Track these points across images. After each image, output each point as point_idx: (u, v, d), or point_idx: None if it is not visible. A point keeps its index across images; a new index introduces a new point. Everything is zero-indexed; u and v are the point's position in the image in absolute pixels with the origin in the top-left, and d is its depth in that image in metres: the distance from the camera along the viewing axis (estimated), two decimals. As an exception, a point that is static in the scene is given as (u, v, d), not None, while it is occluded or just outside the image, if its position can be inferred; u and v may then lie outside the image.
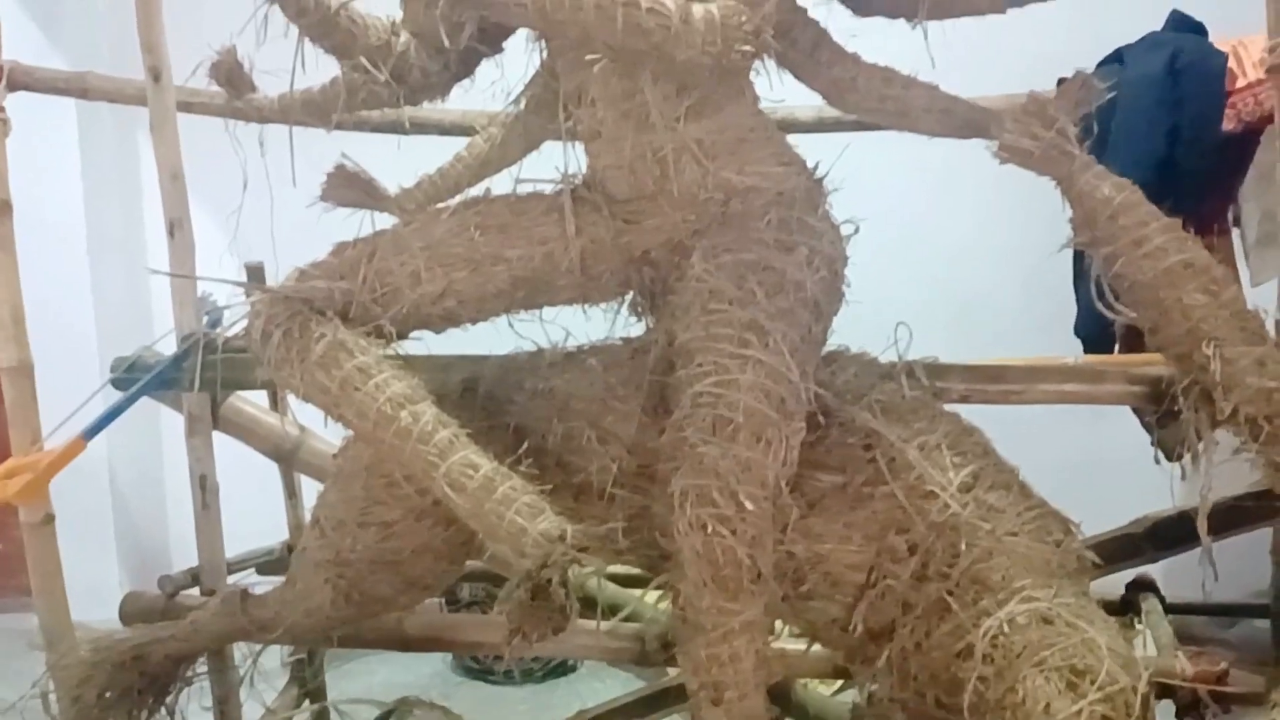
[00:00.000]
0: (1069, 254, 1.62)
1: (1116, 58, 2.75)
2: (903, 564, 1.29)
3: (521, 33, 1.52)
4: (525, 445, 1.40)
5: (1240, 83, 2.45)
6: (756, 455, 1.23)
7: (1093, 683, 1.11)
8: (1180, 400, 1.28)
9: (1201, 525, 1.32)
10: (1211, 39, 2.60)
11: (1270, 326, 1.75)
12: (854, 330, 1.54)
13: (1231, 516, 1.52)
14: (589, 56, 1.37)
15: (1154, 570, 1.92)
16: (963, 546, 1.26)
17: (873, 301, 1.52)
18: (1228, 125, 2.45)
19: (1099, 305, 1.38)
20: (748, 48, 1.29)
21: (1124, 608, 1.92)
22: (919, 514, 1.29)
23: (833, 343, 1.52)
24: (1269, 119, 2.15)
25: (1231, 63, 2.47)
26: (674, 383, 1.37)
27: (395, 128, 2.06)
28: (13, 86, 2.06)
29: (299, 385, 1.36)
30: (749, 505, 1.19)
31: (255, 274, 2.11)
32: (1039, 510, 1.33)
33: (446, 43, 1.37)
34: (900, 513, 1.30)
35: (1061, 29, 2.71)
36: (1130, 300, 1.30)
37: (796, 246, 1.39)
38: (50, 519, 1.89)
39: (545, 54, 1.55)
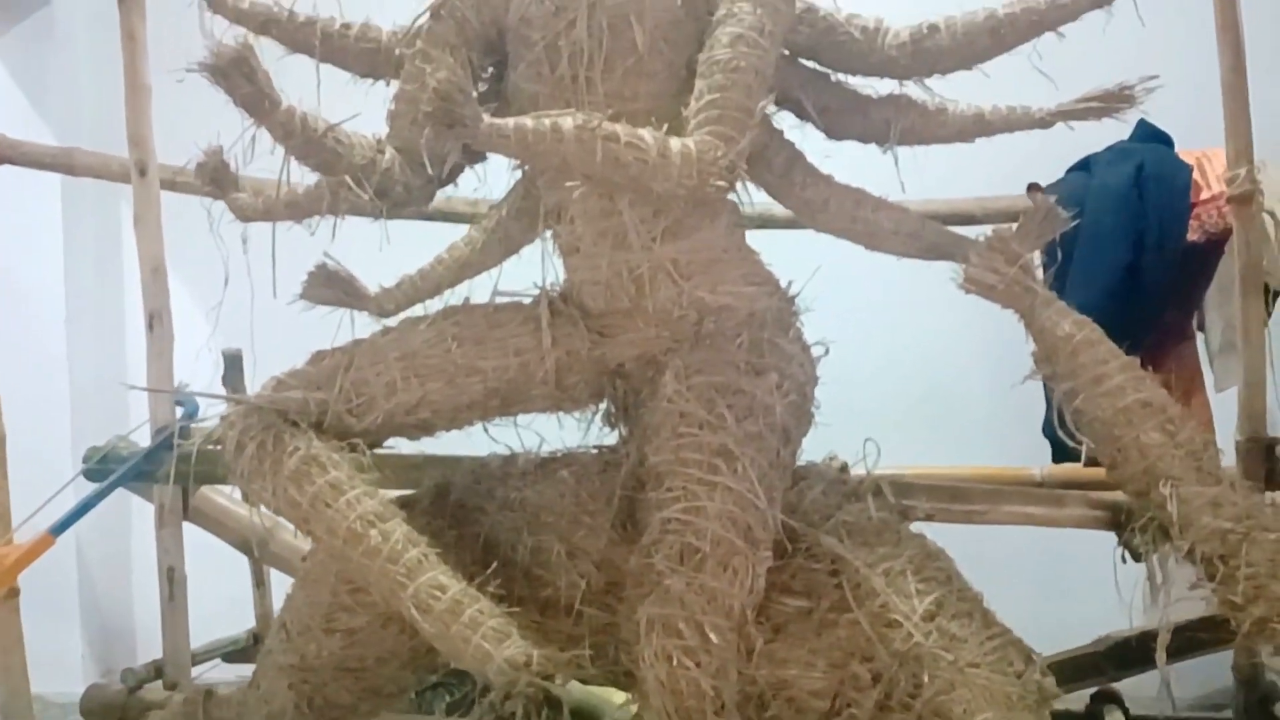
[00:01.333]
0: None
1: (1084, 165, 2.83)
2: (866, 693, 1.30)
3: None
4: (494, 562, 1.41)
5: (1205, 194, 2.53)
6: (723, 585, 1.24)
7: (1050, 824, 1.12)
8: (1139, 536, 1.31)
9: (1160, 657, 1.34)
10: (1178, 150, 2.69)
11: (1230, 438, 1.81)
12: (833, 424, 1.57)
13: (1190, 641, 1.54)
14: (569, 183, 1.41)
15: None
16: (925, 678, 1.27)
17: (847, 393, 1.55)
18: (1192, 236, 2.52)
19: (1060, 434, 1.41)
20: (721, 183, 1.33)
21: (1092, 715, 1.93)
22: (883, 642, 1.30)
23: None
24: (1231, 230, 2.22)
25: (1196, 174, 2.55)
26: (643, 502, 1.39)
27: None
28: None
29: (270, 499, 1.37)
30: (714, 637, 1.21)
31: (233, 361, 2.12)
32: (1001, 640, 1.34)
33: (429, 169, 1.40)
34: (864, 641, 1.31)
35: (1035, 133, 2.79)
36: (1090, 434, 1.34)
37: (767, 370, 1.42)
38: (14, 593, 1.89)
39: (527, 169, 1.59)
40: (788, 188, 1.64)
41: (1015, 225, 1.51)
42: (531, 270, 1.65)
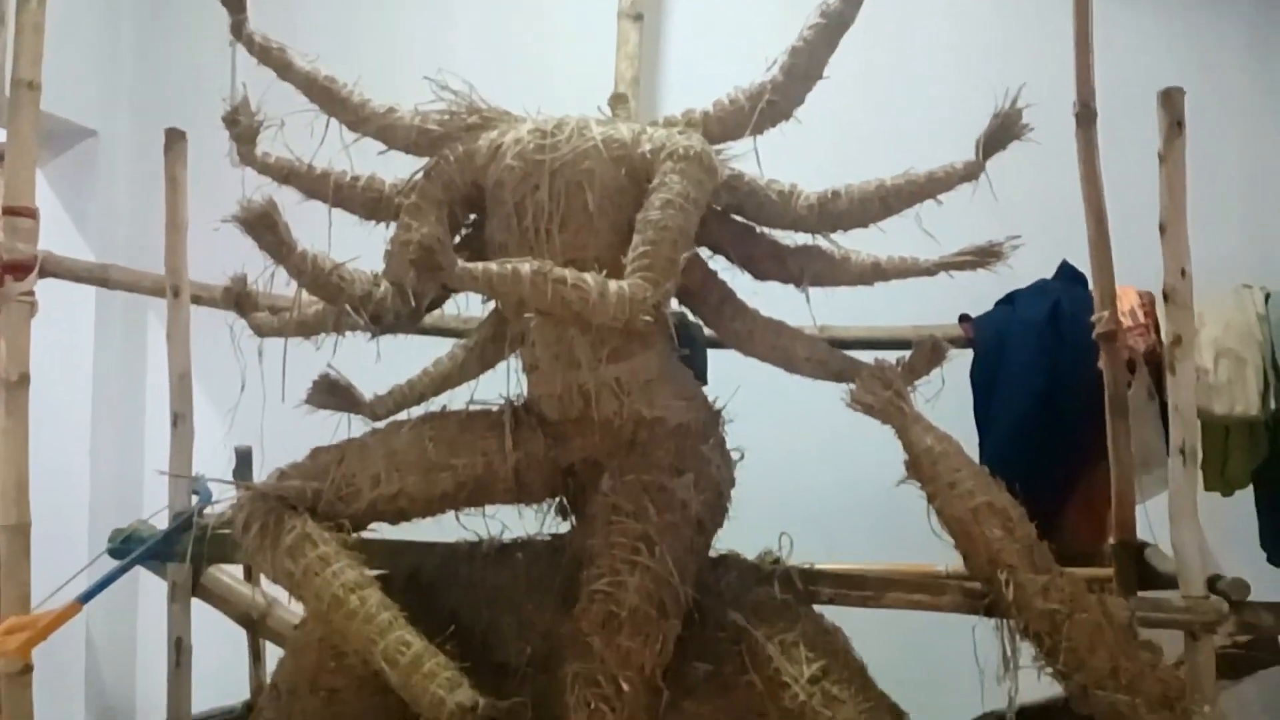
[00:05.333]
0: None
1: (1009, 299, 3.16)
2: (759, 743, 1.55)
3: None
4: (455, 628, 1.67)
5: (1125, 324, 2.84)
6: (636, 646, 1.51)
7: None
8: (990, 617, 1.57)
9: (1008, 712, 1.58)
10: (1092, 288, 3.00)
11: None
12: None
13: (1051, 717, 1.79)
14: (526, 315, 1.72)
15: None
16: (807, 730, 1.52)
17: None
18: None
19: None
20: (648, 318, 1.64)
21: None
22: (774, 700, 1.56)
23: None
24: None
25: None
26: (581, 579, 1.66)
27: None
28: (43, 274, 2.30)
29: (269, 569, 1.64)
30: (626, 688, 1.47)
31: (243, 457, 2.40)
32: (875, 703, 1.60)
33: (413, 303, 1.72)
34: (759, 699, 1.57)
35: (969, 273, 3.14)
36: (948, 531, 1.61)
37: (687, 472, 1.70)
38: (28, 669, 2.07)
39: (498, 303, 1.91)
40: (719, 320, 1.96)
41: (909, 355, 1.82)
42: (500, 383, 1.95)
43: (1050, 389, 2.90)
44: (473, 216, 1.93)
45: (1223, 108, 3.21)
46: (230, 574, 2.30)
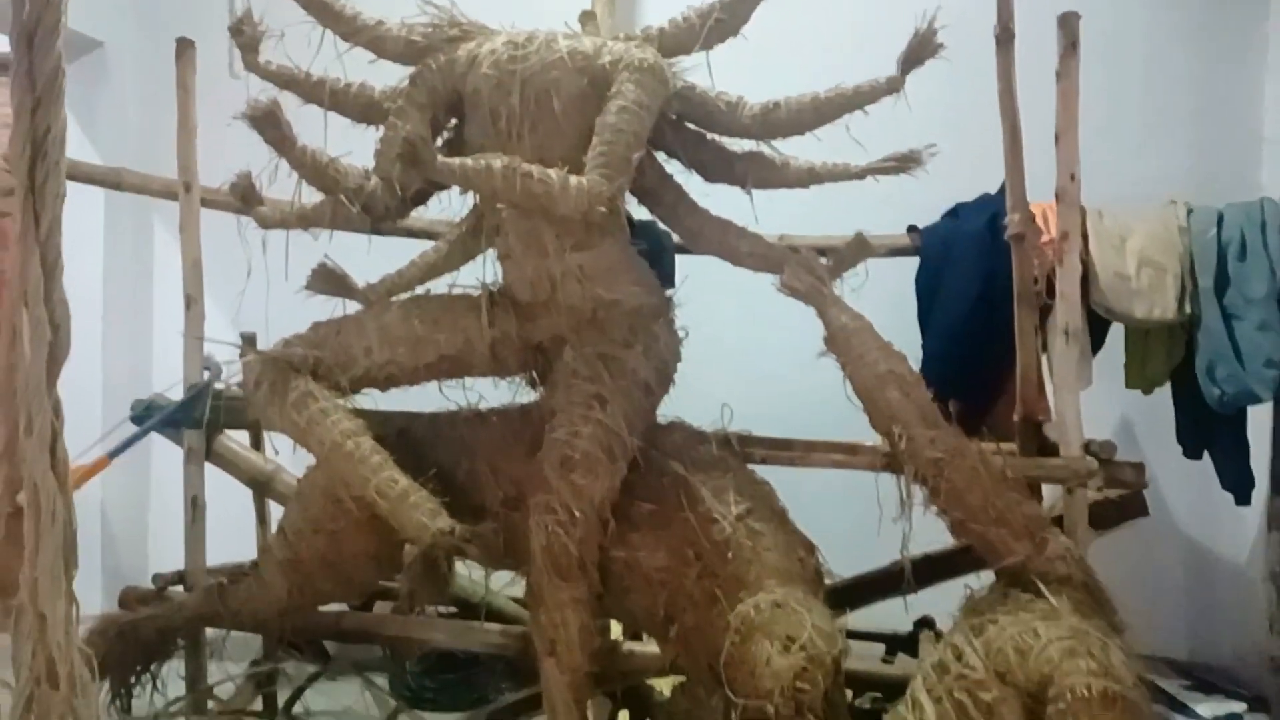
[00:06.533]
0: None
1: (954, 212, 3.41)
2: (691, 567, 1.84)
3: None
4: (438, 475, 1.95)
5: (1044, 238, 3.10)
6: (588, 483, 1.79)
7: (801, 647, 1.65)
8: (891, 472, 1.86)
9: (905, 565, 1.88)
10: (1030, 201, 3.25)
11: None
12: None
13: (941, 566, 2.09)
14: (499, 205, 1.97)
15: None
16: (730, 555, 1.81)
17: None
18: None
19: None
20: (605, 209, 1.89)
21: (913, 637, 2.46)
22: (704, 533, 1.84)
23: (675, 413, 2.11)
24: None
25: (1039, 221, 3.12)
26: (545, 433, 1.94)
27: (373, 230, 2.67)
28: None
29: (278, 421, 1.91)
30: (578, 513, 1.76)
31: (249, 340, 2.66)
32: (790, 537, 1.89)
33: (400, 195, 1.96)
34: (692, 532, 1.85)
35: (917, 184, 3.38)
36: (858, 396, 1.88)
37: (637, 343, 1.97)
38: None
39: (476, 196, 2.15)
40: (674, 217, 2.21)
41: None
42: (478, 275, 2.20)
43: (987, 293, 3.17)
44: (453, 121, 2.17)
45: (1172, 33, 3.44)
46: (239, 442, 2.57)
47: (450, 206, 2.28)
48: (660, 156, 2.19)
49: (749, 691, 1.64)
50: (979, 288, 3.17)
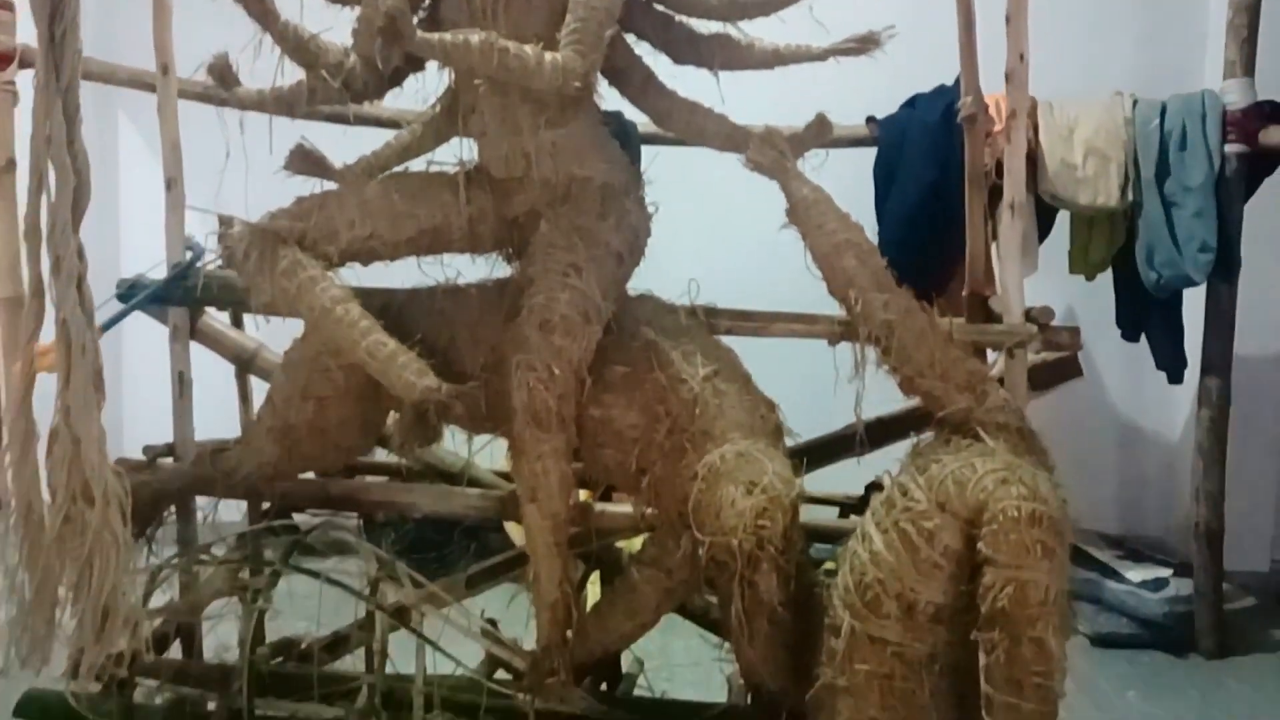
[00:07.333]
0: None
1: (911, 102, 3.52)
2: (661, 423, 1.98)
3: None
4: (421, 343, 2.05)
5: (996, 127, 3.22)
6: (566, 344, 1.92)
7: (762, 490, 1.80)
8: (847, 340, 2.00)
9: (858, 423, 2.03)
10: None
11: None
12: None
13: (893, 428, 2.25)
14: (476, 81, 2.05)
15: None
16: (697, 412, 1.95)
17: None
18: (986, 159, 3.21)
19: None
20: (578, 84, 1.97)
21: (864, 500, 2.63)
22: (674, 392, 1.98)
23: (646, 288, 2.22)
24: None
25: (992, 110, 3.24)
26: (523, 300, 2.04)
27: (343, 119, 2.73)
28: (23, 65, 2.52)
29: (268, 289, 2.00)
30: (556, 371, 1.88)
31: (227, 223, 2.72)
32: (754, 397, 2.03)
33: (380, 66, 2.02)
34: (662, 391, 1.99)
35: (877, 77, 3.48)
36: (817, 264, 2.01)
37: (609, 216, 2.08)
38: None
39: (452, 77, 2.22)
40: (643, 98, 2.29)
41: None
42: (454, 155, 2.28)
43: (941, 181, 3.31)
44: (429, 2, 2.22)
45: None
46: (221, 321, 2.66)
47: (424, 89, 2.35)
48: (630, 39, 2.27)
49: (715, 530, 1.79)
50: (933, 175, 3.32)
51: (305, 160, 2.27)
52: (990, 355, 2.89)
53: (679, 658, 3.12)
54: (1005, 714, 1.58)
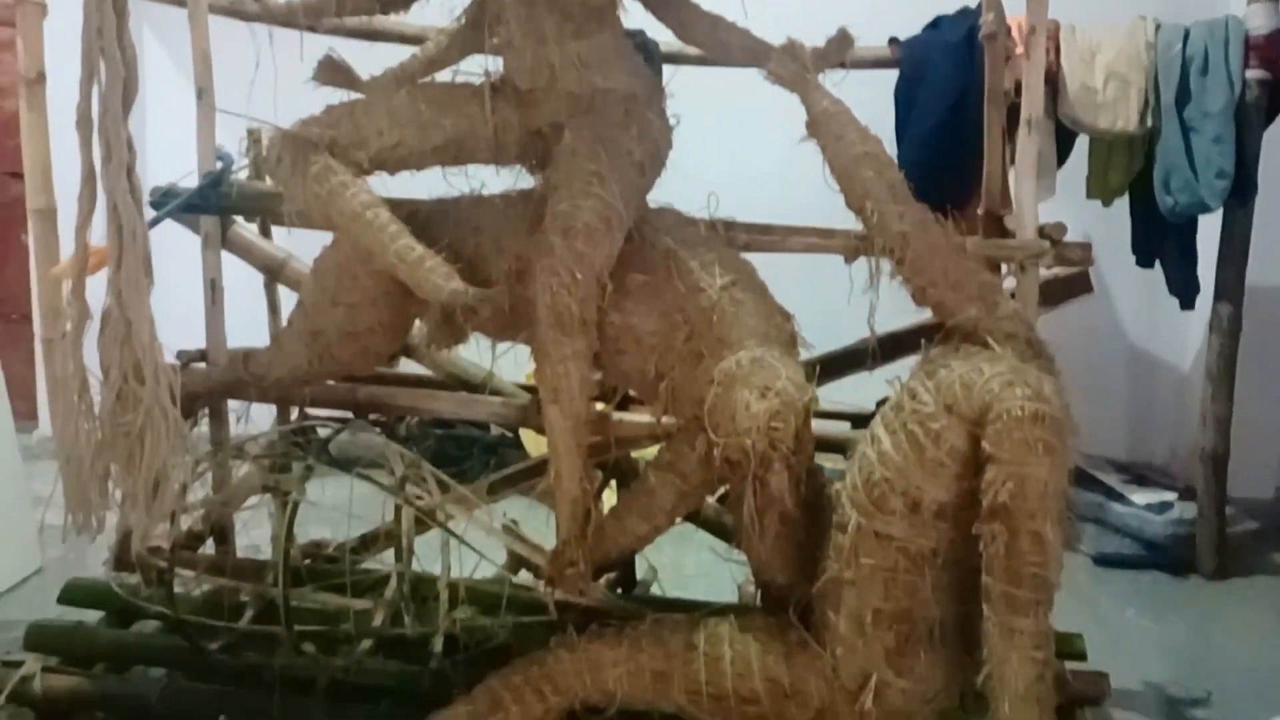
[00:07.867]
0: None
1: (934, 24, 3.51)
2: (679, 330, 2.04)
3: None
4: (448, 250, 2.11)
5: (1018, 50, 3.22)
6: (588, 250, 1.97)
7: (776, 394, 1.87)
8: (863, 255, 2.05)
9: (871, 335, 2.09)
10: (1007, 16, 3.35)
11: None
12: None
13: (906, 341, 2.31)
14: (505, -12, 2.08)
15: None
16: (715, 319, 2.01)
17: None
18: (1006, 83, 3.21)
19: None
20: (606, -6, 2.00)
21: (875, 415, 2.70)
22: (693, 299, 2.04)
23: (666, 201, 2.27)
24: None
25: (1014, 32, 3.24)
26: (547, 208, 2.10)
27: (370, 36, 2.77)
28: None
29: (300, 193, 2.06)
30: (579, 275, 1.95)
31: (254, 135, 2.77)
32: (770, 306, 2.09)
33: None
34: (681, 299, 2.05)
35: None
36: (835, 176, 2.05)
37: (632, 127, 2.12)
38: None
39: (478, -13, 2.25)
40: (666, 10, 2.32)
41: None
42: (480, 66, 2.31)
43: (961, 103, 3.31)
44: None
45: None
46: (252, 230, 2.72)
47: (451, 3, 2.38)
48: (653, -50, 2.29)
49: (729, 432, 1.86)
50: (955, 97, 3.33)
51: (333, 71, 2.32)
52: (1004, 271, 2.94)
53: (691, 570, 3.23)
54: (1003, 602, 1.67)
